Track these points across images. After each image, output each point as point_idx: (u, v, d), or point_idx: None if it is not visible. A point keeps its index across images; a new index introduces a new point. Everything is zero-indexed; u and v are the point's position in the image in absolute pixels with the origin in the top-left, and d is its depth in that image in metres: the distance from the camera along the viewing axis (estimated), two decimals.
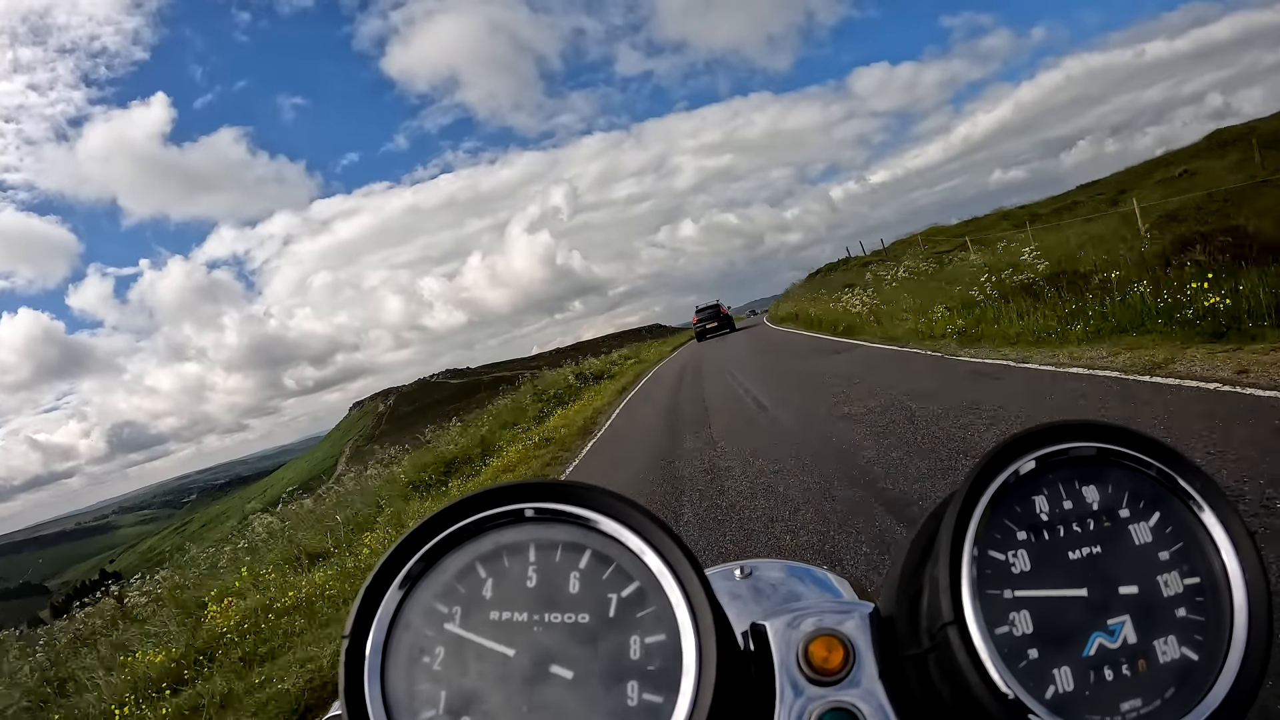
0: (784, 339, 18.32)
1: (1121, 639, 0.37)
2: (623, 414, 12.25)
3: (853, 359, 10.30)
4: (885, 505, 3.80)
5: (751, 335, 24.43)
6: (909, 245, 30.16)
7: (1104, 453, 0.41)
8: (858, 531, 3.56)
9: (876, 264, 24.68)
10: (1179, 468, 0.41)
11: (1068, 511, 0.40)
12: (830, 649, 0.42)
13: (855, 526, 3.63)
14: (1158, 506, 0.41)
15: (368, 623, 0.38)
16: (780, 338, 19.11)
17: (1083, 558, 0.39)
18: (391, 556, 0.40)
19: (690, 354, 23.57)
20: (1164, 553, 0.40)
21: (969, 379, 6.58)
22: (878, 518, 3.66)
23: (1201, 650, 0.38)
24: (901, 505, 3.73)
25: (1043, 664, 0.37)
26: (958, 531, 0.38)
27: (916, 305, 12.42)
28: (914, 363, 8.52)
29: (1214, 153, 22.79)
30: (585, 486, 0.40)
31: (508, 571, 0.39)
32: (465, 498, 0.41)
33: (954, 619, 0.36)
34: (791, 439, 6.04)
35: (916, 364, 8.37)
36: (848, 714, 0.40)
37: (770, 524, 4.08)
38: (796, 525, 3.93)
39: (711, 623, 0.36)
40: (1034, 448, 0.41)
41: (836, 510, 3.97)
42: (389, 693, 0.37)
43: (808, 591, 0.64)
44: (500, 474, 9.86)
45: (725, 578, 0.65)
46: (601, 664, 0.36)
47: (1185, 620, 0.38)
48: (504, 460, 10.68)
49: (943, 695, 0.38)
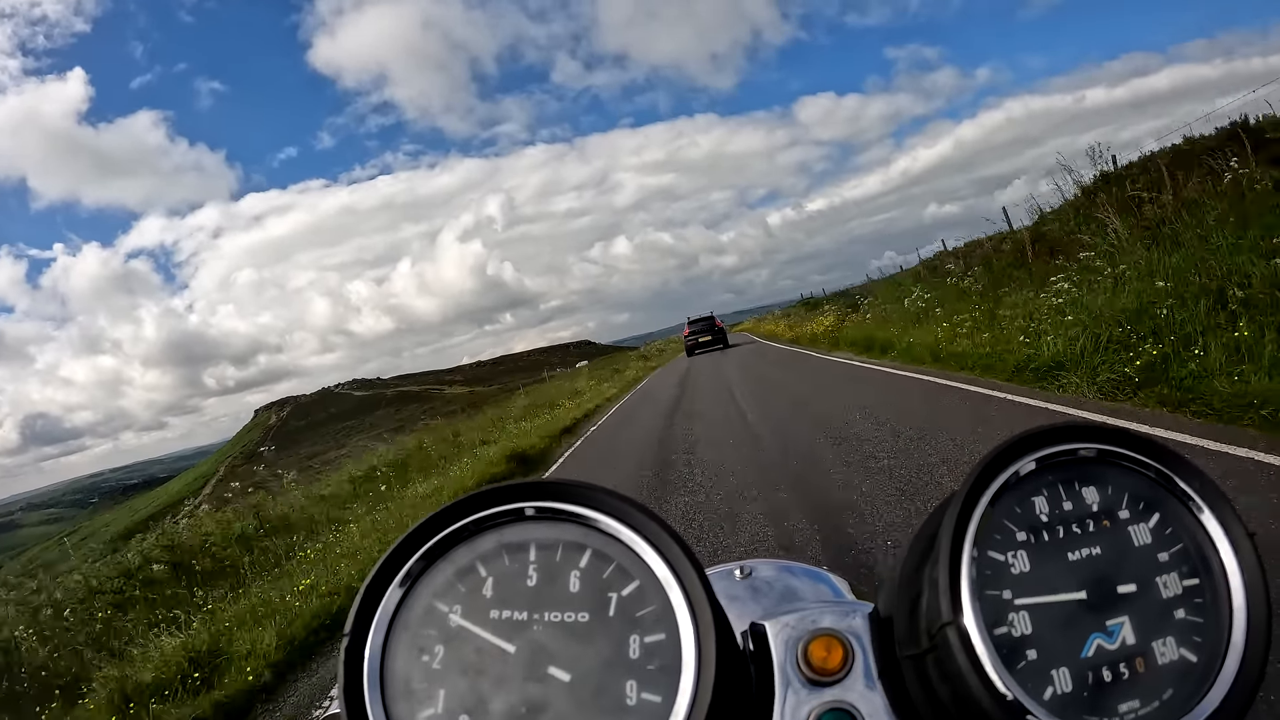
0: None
1: (1120, 640, 0.37)
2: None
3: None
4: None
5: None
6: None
7: (1104, 454, 0.41)
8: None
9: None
10: (1178, 469, 0.41)
11: (1067, 512, 0.40)
12: (829, 649, 0.42)
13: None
14: (1157, 508, 0.41)
15: (367, 621, 0.38)
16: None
17: (1082, 559, 0.39)
18: (392, 555, 0.40)
19: (666, 393, 14.21)
20: (1163, 554, 0.40)
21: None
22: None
23: (1200, 652, 0.38)
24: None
25: (1041, 665, 0.37)
26: (957, 532, 0.38)
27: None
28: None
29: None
30: (586, 485, 0.40)
31: (508, 570, 0.39)
32: (465, 497, 0.41)
33: (953, 619, 0.36)
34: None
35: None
36: (847, 714, 0.40)
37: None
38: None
39: (711, 622, 0.36)
40: (1034, 449, 0.41)
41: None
42: (388, 691, 0.37)
43: (807, 591, 0.65)
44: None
45: (725, 578, 0.65)
46: (601, 663, 0.36)
47: (1184, 622, 0.38)
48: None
49: (941, 696, 0.38)
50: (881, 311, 15.45)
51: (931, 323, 10.69)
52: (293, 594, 5.35)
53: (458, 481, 9.25)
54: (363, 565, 5.67)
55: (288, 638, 4.56)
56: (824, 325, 19.49)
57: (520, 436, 12.32)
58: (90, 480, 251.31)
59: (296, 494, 11.08)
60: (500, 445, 11.57)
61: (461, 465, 10.75)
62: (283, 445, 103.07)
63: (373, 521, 7.83)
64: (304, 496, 10.73)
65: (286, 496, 10.88)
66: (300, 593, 5.34)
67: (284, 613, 4.95)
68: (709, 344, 27.09)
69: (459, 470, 10.32)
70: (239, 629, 4.87)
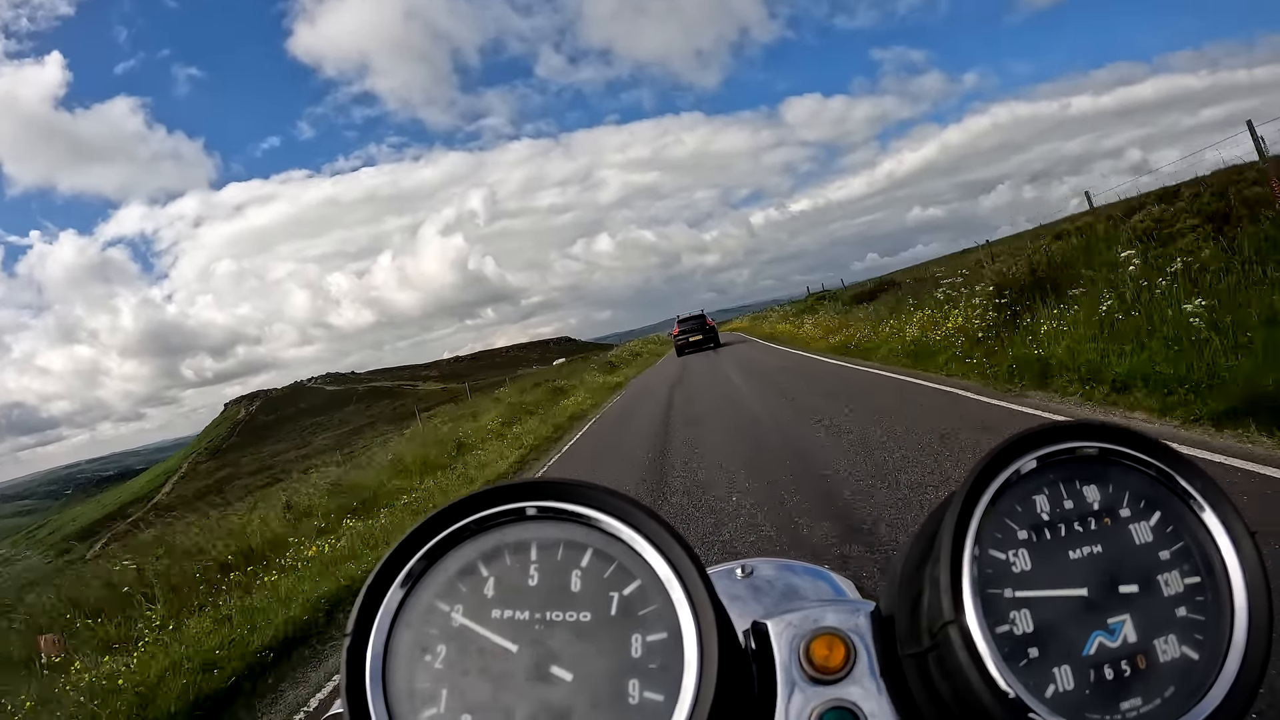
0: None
1: (1122, 638, 0.37)
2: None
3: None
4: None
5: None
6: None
7: (1105, 452, 0.41)
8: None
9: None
10: (1180, 468, 0.41)
11: (1069, 511, 0.40)
12: (831, 648, 0.42)
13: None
14: (1158, 506, 0.41)
15: (369, 621, 0.38)
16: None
17: (1083, 557, 0.39)
18: (393, 555, 0.40)
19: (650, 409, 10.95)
20: (1164, 552, 0.40)
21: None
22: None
23: (1202, 650, 0.38)
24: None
25: (1043, 663, 0.37)
26: (958, 531, 0.38)
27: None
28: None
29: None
30: (588, 485, 0.40)
31: (509, 570, 0.39)
32: (466, 496, 0.41)
33: (954, 618, 0.36)
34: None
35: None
36: (848, 713, 0.40)
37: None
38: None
39: (713, 621, 0.36)
40: (1035, 447, 0.41)
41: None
42: (391, 691, 0.37)
43: (808, 590, 0.65)
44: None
45: (726, 577, 0.65)
46: (603, 662, 0.36)
47: (1185, 620, 0.38)
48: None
49: (943, 694, 0.38)
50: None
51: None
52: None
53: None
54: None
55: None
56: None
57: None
58: (66, 471, 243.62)
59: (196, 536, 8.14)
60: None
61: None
62: (250, 441, 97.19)
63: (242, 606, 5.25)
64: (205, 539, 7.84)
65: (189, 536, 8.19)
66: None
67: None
68: (700, 343, 26.47)
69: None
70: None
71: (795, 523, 4.11)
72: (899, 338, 11.13)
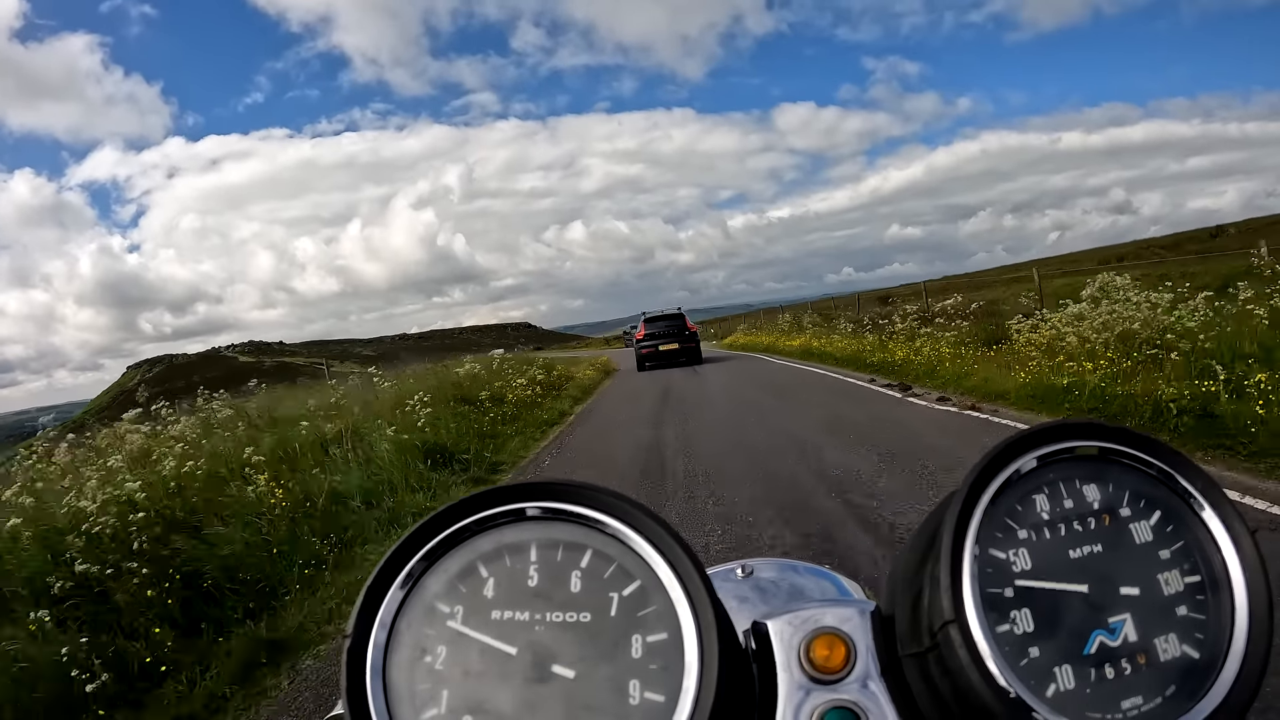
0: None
1: (1122, 637, 0.37)
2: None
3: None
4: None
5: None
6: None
7: (1105, 452, 0.41)
8: None
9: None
10: (1180, 467, 0.41)
11: (1069, 510, 0.40)
12: (831, 648, 0.42)
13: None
14: (1159, 505, 0.41)
15: (369, 622, 0.38)
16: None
17: (1084, 556, 0.39)
18: (393, 556, 0.40)
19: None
20: (1165, 551, 0.40)
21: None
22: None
23: (1202, 648, 0.38)
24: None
25: (1044, 662, 0.37)
26: (959, 530, 0.38)
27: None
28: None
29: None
30: (587, 486, 0.40)
31: (509, 571, 0.39)
32: (466, 497, 0.41)
33: (955, 617, 0.36)
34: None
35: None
36: (849, 713, 0.40)
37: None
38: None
39: (713, 621, 0.36)
40: (1035, 446, 0.41)
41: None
42: (391, 692, 0.37)
43: (809, 590, 0.65)
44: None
45: (726, 577, 0.65)
46: (603, 663, 0.36)
47: (1186, 619, 0.38)
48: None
49: (944, 694, 0.38)
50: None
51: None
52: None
53: None
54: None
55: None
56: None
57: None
58: (16, 418, 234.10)
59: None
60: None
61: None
62: (113, 418, 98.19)
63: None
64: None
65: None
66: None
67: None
68: (672, 356, 16.75)
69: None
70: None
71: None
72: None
